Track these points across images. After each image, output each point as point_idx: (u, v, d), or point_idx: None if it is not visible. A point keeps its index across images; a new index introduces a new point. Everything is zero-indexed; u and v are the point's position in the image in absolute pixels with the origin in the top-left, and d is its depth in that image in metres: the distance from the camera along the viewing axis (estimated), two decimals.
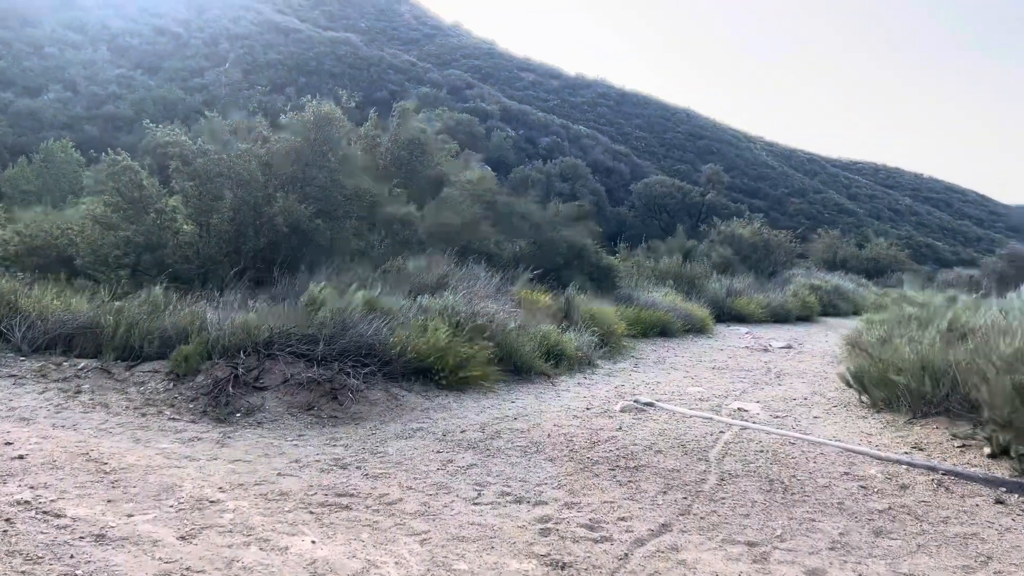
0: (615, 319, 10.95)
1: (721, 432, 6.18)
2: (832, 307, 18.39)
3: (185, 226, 10.47)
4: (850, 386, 7.52)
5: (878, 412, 7.02)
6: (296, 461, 4.81)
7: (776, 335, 14.22)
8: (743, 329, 14.63)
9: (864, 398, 7.30)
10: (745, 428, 6.35)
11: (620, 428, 6.15)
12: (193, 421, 5.72)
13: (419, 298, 8.65)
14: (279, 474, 4.52)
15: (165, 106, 40.73)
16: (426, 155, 13.64)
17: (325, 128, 10.87)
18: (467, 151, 16.39)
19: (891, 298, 14.21)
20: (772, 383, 8.98)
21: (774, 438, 6.03)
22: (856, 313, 19.46)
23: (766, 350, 12.09)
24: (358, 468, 4.74)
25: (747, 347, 12.35)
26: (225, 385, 6.08)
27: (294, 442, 5.32)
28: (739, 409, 7.23)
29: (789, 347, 12.57)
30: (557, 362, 8.52)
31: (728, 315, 15.72)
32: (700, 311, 13.98)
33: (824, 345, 13.10)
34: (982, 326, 7.19)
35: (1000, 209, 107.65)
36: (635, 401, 7.17)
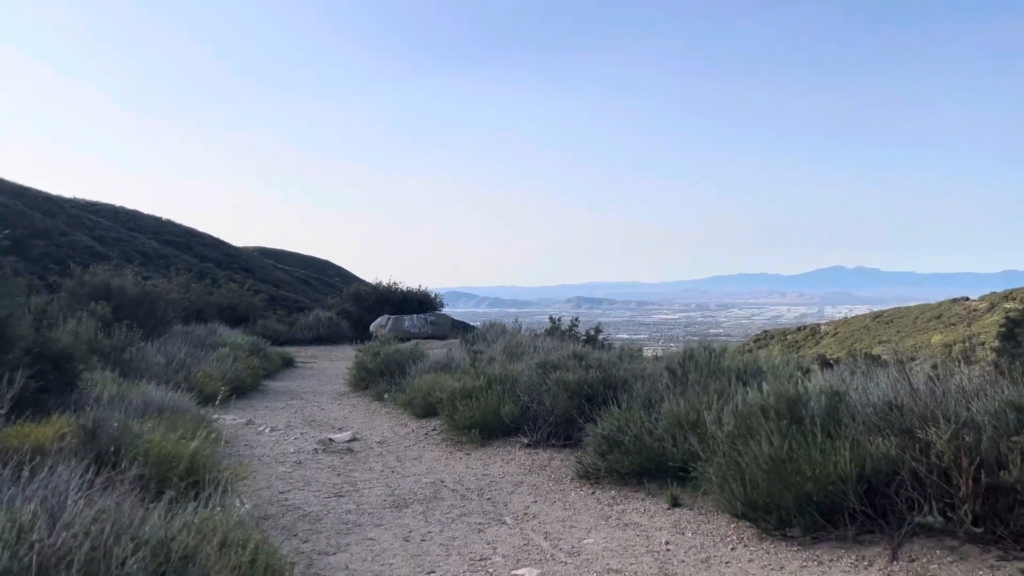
0: (180, 452, 5.60)
1: None
2: (263, 369, 14.82)
3: None
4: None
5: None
6: None
7: (286, 420, 10.18)
8: (231, 418, 10.01)
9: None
10: None
11: None
12: None
13: None
14: None
15: None
16: None
17: None
18: None
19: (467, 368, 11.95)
20: (513, 528, 5.60)
21: None
22: (277, 373, 16.31)
23: (350, 451, 8.23)
24: None
25: (317, 450, 8.22)
26: None
27: None
28: None
29: (355, 439, 8.93)
30: None
31: None
32: (183, 399, 8.90)
33: (375, 429, 9.86)
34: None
35: (233, 251, 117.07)
36: None
